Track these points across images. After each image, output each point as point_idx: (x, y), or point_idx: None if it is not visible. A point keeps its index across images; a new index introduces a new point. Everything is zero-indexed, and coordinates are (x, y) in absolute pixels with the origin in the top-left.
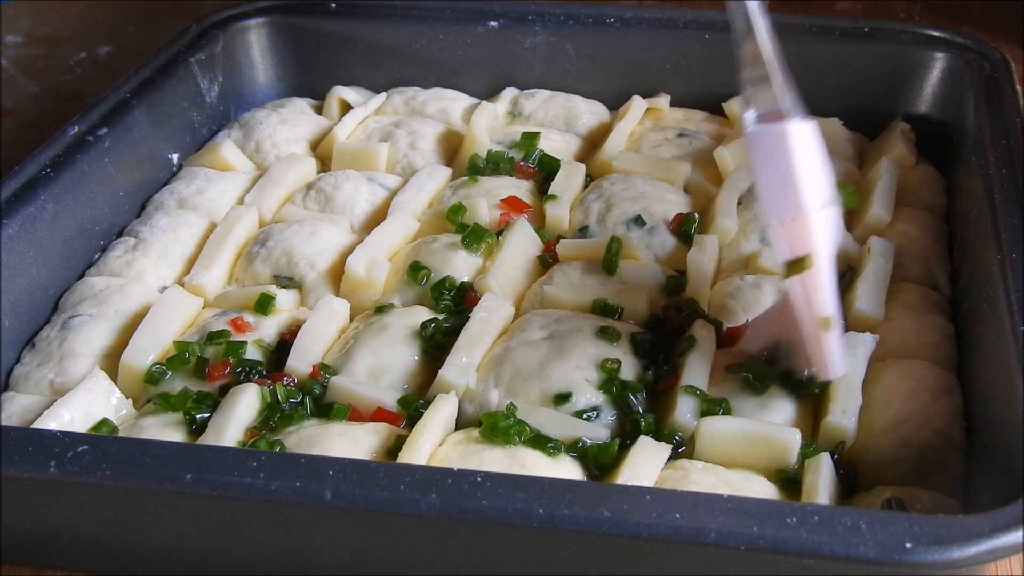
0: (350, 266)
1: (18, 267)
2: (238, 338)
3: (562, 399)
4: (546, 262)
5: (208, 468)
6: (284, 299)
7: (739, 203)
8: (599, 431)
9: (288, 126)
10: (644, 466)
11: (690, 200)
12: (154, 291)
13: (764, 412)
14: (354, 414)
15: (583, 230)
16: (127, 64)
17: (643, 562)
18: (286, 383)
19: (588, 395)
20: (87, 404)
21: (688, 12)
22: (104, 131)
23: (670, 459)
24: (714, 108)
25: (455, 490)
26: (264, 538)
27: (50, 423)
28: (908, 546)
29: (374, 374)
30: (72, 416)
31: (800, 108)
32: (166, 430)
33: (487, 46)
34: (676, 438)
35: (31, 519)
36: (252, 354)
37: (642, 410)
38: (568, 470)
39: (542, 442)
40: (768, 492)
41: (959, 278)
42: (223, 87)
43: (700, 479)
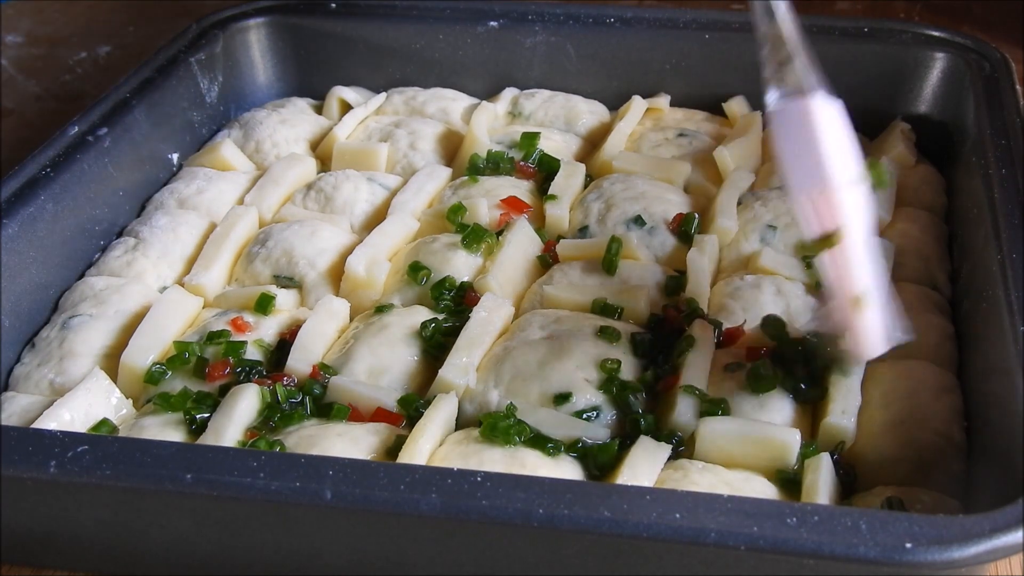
0: (350, 266)
1: (18, 267)
2: (238, 338)
3: (562, 399)
4: (546, 262)
5: (208, 468)
6: (284, 299)
7: (739, 203)
8: (599, 431)
9: (288, 126)
10: (644, 466)
11: (690, 200)
12: (154, 291)
13: (763, 412)
14: (354, 414)
15: (583, 230)
16: (127, 64)
17: (643, 562)
18: (286, 383)
19: (588, 395)
20: (87, 404)
21: (688, 12)
22: (104, 131)
23: (670, 459)
24: (714, 108)
25: (455, 490)
26: (264, 538)
27: (50, 423)
28: (908, 546)
29: (374, 374)
30: (72, 416)
31: (825, 87)
32: (166, 430)
33: (487, 46)
34: (676, 438)
35: (31, 519)
36: (252, 354)
37: (642, 410)
38: (568, 470)
39: (542, 442)
40: (768, 492)
41: (959, 278)
42: (223, 87)
43: (700, 479)
